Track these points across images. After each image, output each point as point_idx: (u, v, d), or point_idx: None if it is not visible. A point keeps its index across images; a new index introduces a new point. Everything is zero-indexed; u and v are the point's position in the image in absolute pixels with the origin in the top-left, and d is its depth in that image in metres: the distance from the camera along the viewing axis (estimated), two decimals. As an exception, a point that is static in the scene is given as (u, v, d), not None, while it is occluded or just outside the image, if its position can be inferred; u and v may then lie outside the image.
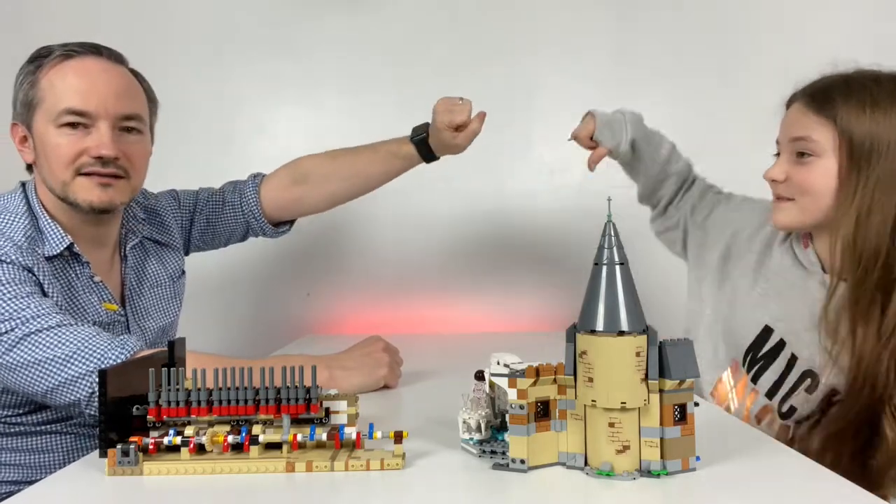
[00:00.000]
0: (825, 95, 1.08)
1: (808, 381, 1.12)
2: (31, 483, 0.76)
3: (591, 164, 1.39)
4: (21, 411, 1.12)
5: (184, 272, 1.39)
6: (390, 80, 1.90)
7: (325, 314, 1.93)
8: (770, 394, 1.16)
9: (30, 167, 1.19)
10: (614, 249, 0.74)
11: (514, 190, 1.91)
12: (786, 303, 1.16)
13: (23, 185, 1.18)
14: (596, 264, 0.74)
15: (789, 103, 1.15)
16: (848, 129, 1.04)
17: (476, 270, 1.92)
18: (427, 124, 1.37)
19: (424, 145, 1.37)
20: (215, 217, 1.44)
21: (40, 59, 1.13)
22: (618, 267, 0.74)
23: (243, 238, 1.50)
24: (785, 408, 1.15)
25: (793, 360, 1.14)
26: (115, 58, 1.17)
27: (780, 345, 1.16)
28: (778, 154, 1.15)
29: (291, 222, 1.51)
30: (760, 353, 1.18)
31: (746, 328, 1.20)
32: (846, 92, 1.06)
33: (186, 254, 1.45)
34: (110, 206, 1.15)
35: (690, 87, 1.86)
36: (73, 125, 1.10)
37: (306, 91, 1.92)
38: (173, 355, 0.87)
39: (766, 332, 1.18)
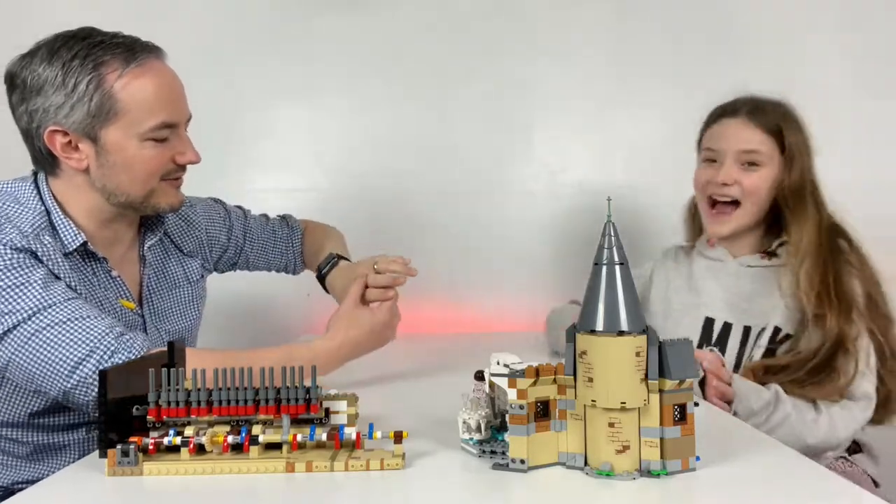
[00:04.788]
0: (764, 113, 1.32)
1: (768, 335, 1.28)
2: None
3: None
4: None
5: (203, 276, 1.36)
6: (390, 81, 1.89)
7: (325, 314, 1.92)
8: (735, 368, 1.29)
9: (46, 166, 1.10)
10: (614, 249, 0.74)
11: (514, 190, 1.91)
12: (714, 292, 1.36)
13: (34, 175, 1.13)
14: (596, 264, 0.74)
15: (718, 116, 1.37)
16: (787, 141, 1.31)
17: (476, 270, 1.91)
18: (339, 257, 1.38)
19: (322, 279, 1.38)
20: (263, 246, 1.45)
21: (96, 62, 1.05)
22: (618, 267, 0.74)
23: (273, 269, 1.50)
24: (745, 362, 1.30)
25: (747, 331, 1.30)
26: (163, 54, 1.13)
27: (727, 327, 1.33)
28: (708, 160, 1.36)
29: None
30: (711, 343, 1.34)
31: (688, 331, 1.34)
32: (783, 111, 1.33)
33: (217, 271, 1.42)
34: (183, 205, 1.18)
35: (689, 86, 1.85)
36: (163, 138, 1.09)
37: (306, 91, 1.92)
38: (173, 356, 0.87)
39: (709, 323, 1.35)
